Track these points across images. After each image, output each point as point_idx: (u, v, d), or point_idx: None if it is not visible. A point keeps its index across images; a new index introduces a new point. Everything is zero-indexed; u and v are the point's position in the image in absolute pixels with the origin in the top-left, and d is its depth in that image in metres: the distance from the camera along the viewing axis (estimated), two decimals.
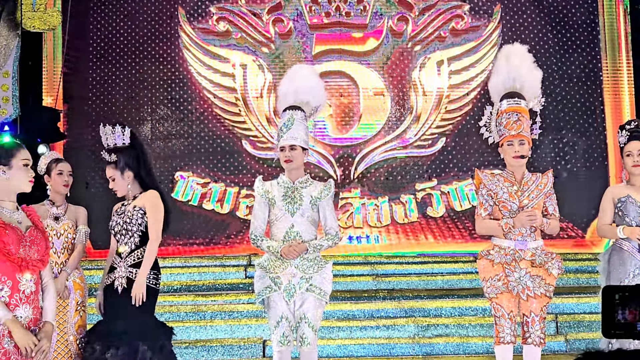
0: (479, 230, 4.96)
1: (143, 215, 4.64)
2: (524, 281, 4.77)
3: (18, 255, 3.56)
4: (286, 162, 4.91)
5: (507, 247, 4.82)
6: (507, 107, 4.91)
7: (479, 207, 4.91)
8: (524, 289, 4.76)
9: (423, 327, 7.57)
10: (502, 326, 4.75)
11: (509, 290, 4.76)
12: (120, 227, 4.66)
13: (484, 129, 5.08)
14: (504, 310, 4.75)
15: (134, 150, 4.76)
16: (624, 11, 9.74)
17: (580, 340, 7.42)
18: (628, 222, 5.04)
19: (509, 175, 4.91)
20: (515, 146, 4.84)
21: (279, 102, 5.17)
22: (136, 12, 9.58)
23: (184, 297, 8.08)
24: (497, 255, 4.82)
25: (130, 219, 4.63)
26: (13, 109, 8.40)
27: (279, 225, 4.86)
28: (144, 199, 4.69)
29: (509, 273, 4.77)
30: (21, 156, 3.71)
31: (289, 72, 5.31)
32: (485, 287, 4.85)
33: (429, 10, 9.75)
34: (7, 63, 8.38)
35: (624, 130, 5.17)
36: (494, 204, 4.86)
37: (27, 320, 3.59)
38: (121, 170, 4.71)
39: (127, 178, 4.73)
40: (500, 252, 4.82)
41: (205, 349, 7.29)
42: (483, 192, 4.89)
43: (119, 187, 4.74)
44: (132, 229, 4.62)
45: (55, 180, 5.39)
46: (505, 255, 4.81)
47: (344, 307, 7.82)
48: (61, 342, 5.15)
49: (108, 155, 4.72)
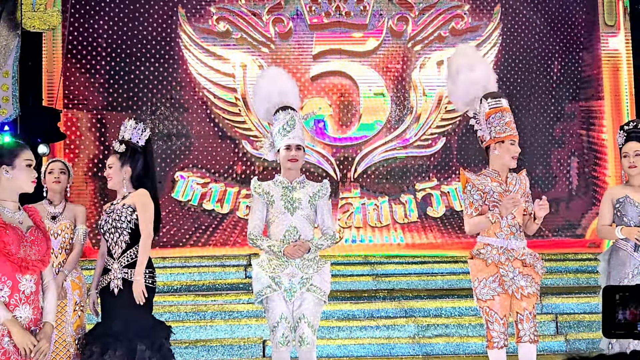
0: (470, 230, 4.90)
1: (132, 212, 4.63)
2: (517, 280, 4.76)
3: (18, 255, 3.56)
4: (291, 161, 4.90)
5: (500, 247, 4.81)
6: (505, 107, 4.94)
7: (469, 207, 4.85)
8: (517, 289, 4.75)
9: (423, 327, 7.58)
10: (495, 331, 4.73)
11: (505, 290, 4.73)
12: (109, 225, 4.65)
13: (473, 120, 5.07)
14: (497, 314, 4.72)
15: (143, 154, 4.79)
16: (624, 11, 9.74)
17: (580, 340, 7.42)
18: (626, 222, 5.04)
19: (494, 175, 4.90)
20: (516, 146, 4.86)
21: (260, 101, 5.13)
22: (136, 11, 9.58)
23: (184, 297, 8.08)
24: (490, 254, 4.80)
25: (119, 216, 4.63)
26: (13, 109, 8.40)
27: (279, 225, 4.86)
28: (134, 198, 4.69)
29: (503, 273, 4.75)
30: (24, 156, 3.72)
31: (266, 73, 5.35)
32: (478, 287, 4.78)
33: (429, 10, 9.75)
34: (7, 63, 8.38)
35: (622, 131, 5.18)
36: (484, 204, 4.84)
37: (27, 321, 3.59)
38: (122, 163, 4.73)
39: (123, 173, 4.74)
40: (492, 251, 4.80)
41: (205, 349, 7.30)
42: (472, 192, 4.84)
43: (113, 176, 4.75)
44: (122, 226, 4.61)
45: (47, 179, 5.42)
46: (498, 254, 4.79)
47: (344, 307, 7.83)
48: (60, 343, 5.15)
49: (118, 145, 4.75)
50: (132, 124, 4.80)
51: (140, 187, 4.75)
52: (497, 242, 4.81)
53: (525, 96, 9.37)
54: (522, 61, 9.64)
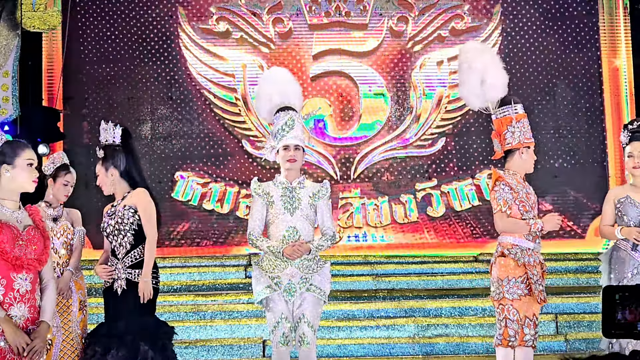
0: (504, 227, 4.83)
1: (134, 213, 4.62)
2: (539, 284, 4.79)
3: (13, 254, 3.55)
4: (290, 162, 4.90)
5: (528, 249, 4.81)
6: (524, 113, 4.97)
7: (503, 204, 4.80)
8: (539, 292, 4.77)
9: (423, 327, 7.58)
10: (512, 329, 4.73)
11: (532, 292, 4.73)
12: (112, 227, 4.64)
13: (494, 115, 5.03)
14: (519, 314, 4.73)
15: (123, 150, 4.75)
16: (624, 11, 9.74)
17: (580, 340, 7.42)
18: (627, 222, 5.03)
19: (518, 177, 4.94)
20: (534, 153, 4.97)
21: (262, 102, 5.13)
22: (136, 11, 9.58)
23: (184, 297, 8.08)
24: (520, 254, 4.79)
25: (121, 218, 4.62)
26: (13, 109, 8.40)
27: (278, 226, 4.86)
28: (134, 198, 4.67)
29: (531, 275, 4.75)
30: (26, 155, 3.70)
31: (269, 74, 5.35)
32: (507, 286, 4.74)
33: (429, 10, 9.74)
34: (7, 63, 8.38)
35: (626, 130, 5.14)
36: (513, 203, 4.83)
37: (22, 320, 3.57)
38: (105, 167, 4.72)
39: (110, 176, 4.72)
40: (523, 252, 4.80)
41: (205, 349, 7.30)
42: (506, 190, 4.82)
43: (102, 183, 4.76)
44: (125, 228, 4.61)
45: (58, 189, 5.45)
46: (527, 256, 4.80)
47: (344, 307, 7.83)
48: (67, 342, 5.18)
49: (98, 151, 4.77)
50: (103, 126, 4.79)
51: (132, 182, 4.75)
52: (525, 243, 4.82)
53: (524, 96, 9.36)
54: (522, 61, 9.64)
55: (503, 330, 4.77)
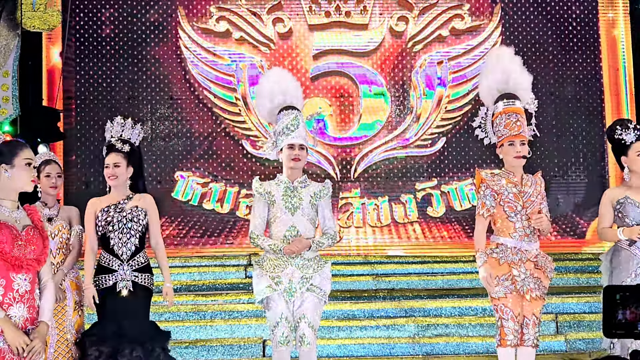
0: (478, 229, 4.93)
1: (145, 216, 4.69)
2: (527, 282, 4.78)
3: (12, 254, 3.54)
4: (294, 161, 4.90)
5: (513, 247, 4.83)
6: (505, 108, 4.98)
7: (481, 207, 4.90)
8: (527, 290, 4.77)
9: (423, 327, 7.57)
10: (508, 328, 4.75)
11: (517, 290, 4.76)
12: (121, 224, 4.66)
13: (478, 130, 5.13)
14: (512, 312, 4.74)
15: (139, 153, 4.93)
16: (623, 11, 9.74)
17: (580, 340, 7.41)
18: (628, 223, 5.00)
19: (509, 176, 4.93)
20: (516, 146, 4.88)
21: (263, 102, 5.12)
22: (136, 11, 9.58)
23: (184, 297, 8.06)
24: (503, 254, 4.82)
25: (130, 219, 4.64)
26: (13, 109, 8.40)
27: (279, 225, 4.86)
28: (145, 203, 4.75)
29: (515, 273, 4.77)
30: (24, 155, 3.70)
31: (270, 74, 5.35)
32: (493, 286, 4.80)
33: (429, 10, 9.74)
34: (7, 63, 8.38)
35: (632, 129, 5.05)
36: (497, 204, 4.87)
37: (22, 320, 3.57)
38: (128, 162, 4.82)
39: (128, 172, 4.83)
40: (506, 251, 4.83)
41: (205, 349, 7.29)
42: (486, 192, 4.88)
43: (120, 175, 4.80)
44: (137, 228, 4.66)
45: (42, 183, 5.34)
46: (511, 254, 4.82)
47: (344, 307, 7.82)
48: (61, 342, 5.15)
49: (121, 144, 4.78)
50: (130, 124, 4.85)
51: (135, 185, 4.86)
52: (511, 242, 4.84)
53: None
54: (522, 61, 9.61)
55: (500, 330, 4.79)
